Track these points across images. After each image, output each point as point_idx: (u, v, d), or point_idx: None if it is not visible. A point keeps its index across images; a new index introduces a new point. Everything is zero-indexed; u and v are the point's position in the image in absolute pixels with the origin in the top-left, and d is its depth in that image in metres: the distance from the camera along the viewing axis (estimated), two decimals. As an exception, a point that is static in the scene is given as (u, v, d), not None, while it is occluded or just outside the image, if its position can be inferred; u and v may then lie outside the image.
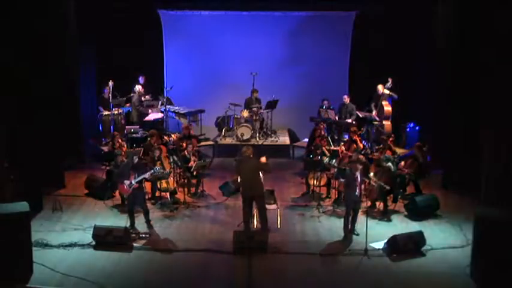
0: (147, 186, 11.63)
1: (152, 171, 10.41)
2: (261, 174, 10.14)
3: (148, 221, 10.46)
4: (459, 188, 12.14)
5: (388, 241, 9.63)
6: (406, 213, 11.14)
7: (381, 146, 12.31)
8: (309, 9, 15.81)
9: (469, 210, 10.80)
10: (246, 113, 15.03)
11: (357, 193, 9.86)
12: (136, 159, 10.51)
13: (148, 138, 12.47)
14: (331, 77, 16.01)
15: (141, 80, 15.64)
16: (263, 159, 10.17)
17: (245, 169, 10.02)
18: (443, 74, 12.86)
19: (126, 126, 14.89)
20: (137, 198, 10.33)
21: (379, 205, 11.25)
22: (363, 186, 10.49)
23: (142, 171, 10.32)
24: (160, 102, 15.54)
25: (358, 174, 9.86)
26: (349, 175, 9.98)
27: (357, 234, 9.85)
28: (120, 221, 10.52)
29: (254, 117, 15.04)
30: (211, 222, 10.87)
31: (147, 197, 11.41)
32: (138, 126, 14.77)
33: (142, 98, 15.43)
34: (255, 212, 10.25)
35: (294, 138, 15.61)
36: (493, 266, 8.55)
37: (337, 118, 14.66)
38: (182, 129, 13.55)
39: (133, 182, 10.21)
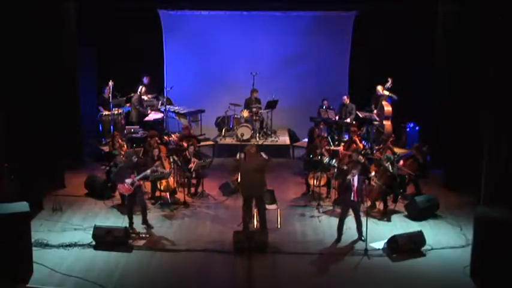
0: (147, 186, 11.68)
1: (153, 167, 10.43)
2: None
3: (145, 221, 10.43)
4: (459, 188, 12.14)
5: (388, 241, 9.64)
6: (406, 213, 11.14)
7: (381, 146, 12.31)
8: (308, 9, 15.79)
9: (469, 210, 10.82)
10: (246, 113, 15.02)
11: (352, 198, 9.81)
12: (135, 159, 10.51)
13: (148, 139, 12.47)
14: (331, 77, 16.00)
15: (146, 80, 15.64)
16: (264, 155, 10.22)
17: (247, 168, 10.02)
18: (443, 74, 12.86)
19: (126, 126, 14.88)
20: (138, 196, 10.33)
21: (379, 205, 11.25)
22: (363, 186, 10.48)
23: (143, 169, 10.35)
24: (160, 102, 15.54)
25: (355, 178, 9.80)
26: (346, 178, 9.96)
27: (363, 240, 9.80)
28: (120, 221, 10.51)
29: (254, 117, 15.03)
30: (211, 222, 10.87)
31: (146, 197, 11.45)
32: (138, 126, 14.76)
33: (145, 98, 15.42)
34: (255, 212, 10.26)
35: (294, 138, 15.61)
36: (493, 266, 8.56)
37: (337, 118, 14.66)
38: (182, 130, 13.55)
39: (135, 180, 10.22)
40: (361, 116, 14.59)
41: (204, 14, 16.03)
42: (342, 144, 13.55)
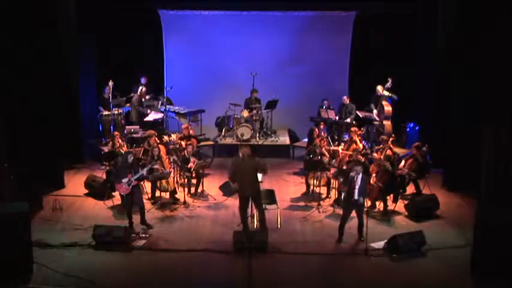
0: (147, 186, 11.68)
1: (149, 166, 10.44)
2: (259, 176, 10.18)
3: (144, 221, 10.43)
4: (459, 188, 12.14)
5: (388, 241, 9.64)
6: (406, 213, 11.13)
7: (381, 146, 12.31)
8: (309, 9, 15.81)
9: (469, 210, 10.82)
10: (246, 113, 15.02)
11: (356, 197, 9.81)
12: (131, 159, 10.51)
13: (148, 139, 12.45)
14: (331, 77, 16.00)
15: (143, 80, 15.63)
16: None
17: (243, 169, 10.02)
18: (443, 74, 12.85)
19: (126, 126, 14.88)
20: (136, 196, 10.33)
21: (379, 205, 11.25)
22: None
23: (139, 168, 10.35)
24: (160, 102, 15.54)
25: (358, 177, 9.80)
26: (349, 177, 9.95)
27: (363, 240, 9.80)
28: (120, 221, 10.52)
29: (254, 117, 15.04)
30: (211, 222, 10.87)
31: (146, 197, 11.44)
32: (138, 127, 14.77)
33: (143, 99, 15.42)
34: (255, 212, 10.26)
35: (294, 138, 15.61)
36: (493, 266, 8.56)
37: (337, 118, 14.66)
38: (182, 130, 13.56)
39: (132, 179, 10.21)
40: (361, 116, 14.58)
41: (204, 14, 16.04)
42: (342, 144, 13.55)
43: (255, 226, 10.33)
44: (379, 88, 14.64)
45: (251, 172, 9.98)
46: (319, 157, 11.73)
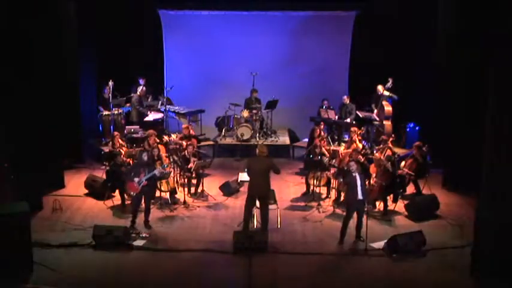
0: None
1: (160, 168, 10.48)
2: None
3: (147, 221, 10.46)
4: (459, 188, 12.14)
5: (388, 241, 9.64)
6: (406, 213, 11.14)
7: (381, 146, 12.31)
8: (309, 9, 15.80)
9: (469, 210, 10.83)
10: (246, 113, 15.02)
11: (359, 196, 9.79)
12: (146, 157, 10.51)
13: (147, 139, 12.45)
14: (331, 77, 15.99)
15: (141, 81, 15.62)
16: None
17: (256, 168, 10.04)
18: (443, 74, 12.86)
19: (126, 126, 14.88)
20: (146, 195, 10.36)
21: (379, 205, 11.25)
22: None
23: (152, 168, 10.38)
24: (160, 102, 15.53)
25: (357, 176, 9.81)
26: (350, 176, 9.95)
27: (362, 240, 9.81)
28: (120, 221, 10.54)
29: (254, 117, 15.04)
30: (211, 222, 10.87)
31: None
32: (138, 126, 14.77)
33: (144, 102, 15.41)
34: (256, 211, 10.26)
35: (294, 138, 15.61)
36: (493, 266, 8.56)
37: (337, 118, 14.66)
38: (182, 129, 13.56)
39: (143, 179, 10.23)
40: (361, 116, 14.58)
41: (204, 14, 16.03)
42: (343, 144, 13.55)
43: (255, 226, 10.33)
44: (380, 88, 14.64)
45: (263, 172, 9.99)
46: (319, 157, 11.73)
